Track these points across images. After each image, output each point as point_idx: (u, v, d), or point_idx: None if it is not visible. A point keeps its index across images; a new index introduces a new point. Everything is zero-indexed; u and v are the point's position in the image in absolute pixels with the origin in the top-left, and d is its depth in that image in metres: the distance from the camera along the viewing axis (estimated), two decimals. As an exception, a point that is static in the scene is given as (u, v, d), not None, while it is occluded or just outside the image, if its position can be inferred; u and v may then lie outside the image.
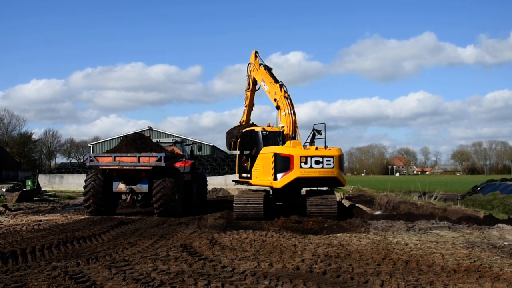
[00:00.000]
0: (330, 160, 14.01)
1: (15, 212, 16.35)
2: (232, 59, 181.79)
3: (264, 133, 15.18)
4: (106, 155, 14.94)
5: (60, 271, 6.79)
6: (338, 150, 14.54)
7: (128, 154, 14.60)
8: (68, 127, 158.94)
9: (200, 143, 36.20)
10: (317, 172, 13.91)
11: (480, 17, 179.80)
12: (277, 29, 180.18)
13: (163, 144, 17.78)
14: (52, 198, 24.06)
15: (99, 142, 53.82)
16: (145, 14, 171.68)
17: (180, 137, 38.71)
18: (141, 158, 14.43)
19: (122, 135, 20.94)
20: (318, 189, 15.17)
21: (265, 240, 9.89)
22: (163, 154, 14.51)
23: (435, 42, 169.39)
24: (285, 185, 13.88)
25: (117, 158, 14.52)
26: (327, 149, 14.28)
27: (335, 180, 14.46)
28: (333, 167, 14.05)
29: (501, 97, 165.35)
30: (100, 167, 14.89)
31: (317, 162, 13.89)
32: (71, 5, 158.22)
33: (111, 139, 49.67)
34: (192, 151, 20.71)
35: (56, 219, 14.04)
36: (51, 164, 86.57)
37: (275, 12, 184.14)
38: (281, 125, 15.63)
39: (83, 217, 14.77)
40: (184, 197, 16.15)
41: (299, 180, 13.89)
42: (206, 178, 20.87)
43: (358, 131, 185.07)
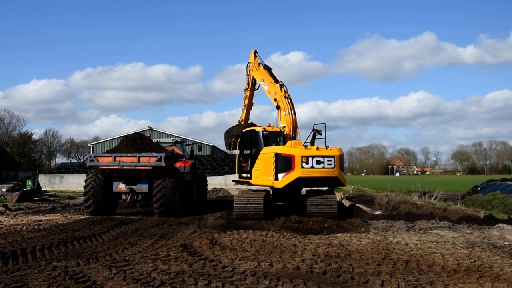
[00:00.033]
0: (331, 160, 14.03)
1: (15, 212, 16.36)
2: (232, 59, 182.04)
3: (264, 133, 15.16)
4: (106, 155, 14.95)
5: (61, 271, 6.78)
6: (339, 150, 14.56)
7: (128, 154, 14.60)
8: (68, 127, 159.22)
9: (200, 143, 36.17)
10: (318, 172, 13.91)
11: (480, 17, 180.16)
12: (277, 29, 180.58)
13: (163, 144, 17.80)
14: (52, 198, 24.07)
15: (99, 142, 53.88)
16: (145, 14, 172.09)
17: (180, 137, 38.73)
18: (141, 158, 14.43)
19: (122, 135, 20.99)
20: (318, 189, 15.16)
21: (265, 240, 9.88)
22: (163, 154, 14.51)
23: (435, 42, 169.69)
24: (286, 185, 13.88)
25: (117, 158, 14.53)
26: (328, 149, 14.29)
27: (336, 180, 14.49)
28: (334, 167, 14.06)
29: (501, 97, 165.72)
30: (100, 167, 14.90)
31: (318, 162, 13.90)
32: (71, 5, 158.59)
33: (111, 139, 49.75)
34: (192, 151, 20.72)
35: (56, 219, 14.04)
36: (51, 164, 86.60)
37: (275, 12, 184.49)
38: (281, 125, 15.63)
39: (83, 217, 14.78)
40: (184, 197, 16.15)
41: (300, 180, 13.90)
42: (206, 178, 20.88)
43: (358, 131, 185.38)
